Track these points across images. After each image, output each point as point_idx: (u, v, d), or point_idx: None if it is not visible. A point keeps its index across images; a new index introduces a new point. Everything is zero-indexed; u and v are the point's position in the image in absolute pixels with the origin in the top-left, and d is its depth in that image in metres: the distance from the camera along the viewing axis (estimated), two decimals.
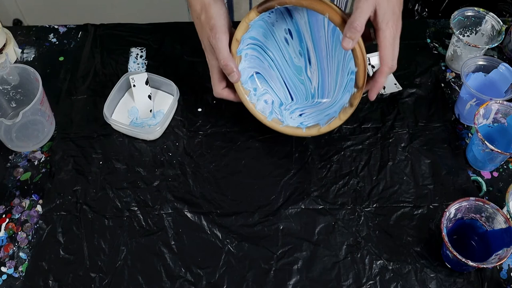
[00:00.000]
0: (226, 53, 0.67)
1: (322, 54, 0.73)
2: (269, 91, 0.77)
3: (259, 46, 0.74)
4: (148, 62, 0.88)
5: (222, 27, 0.67)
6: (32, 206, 0.72)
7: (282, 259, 0.67)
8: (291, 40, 0.74)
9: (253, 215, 0.71)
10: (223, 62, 0.67)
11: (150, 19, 0.94)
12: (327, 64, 0.73)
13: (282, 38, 0.74)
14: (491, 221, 0.65)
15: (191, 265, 0.67)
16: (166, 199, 0.72)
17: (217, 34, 0.66)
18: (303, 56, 0.74)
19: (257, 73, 0.76)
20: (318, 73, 0.74)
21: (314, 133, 0.72)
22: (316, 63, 0.74)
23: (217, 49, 0.67)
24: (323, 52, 0.73)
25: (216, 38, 0.66)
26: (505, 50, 0.90)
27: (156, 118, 0.79)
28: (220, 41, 0.67)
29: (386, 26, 0.64)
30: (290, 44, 0.74)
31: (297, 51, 0.74)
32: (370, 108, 0.82)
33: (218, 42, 0.67)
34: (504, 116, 0.73)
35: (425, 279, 0.65)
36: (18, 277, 0.66)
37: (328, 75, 0.74)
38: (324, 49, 0.72)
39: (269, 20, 0.71)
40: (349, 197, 0.72)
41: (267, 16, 0.70)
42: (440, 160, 0.76)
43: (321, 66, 0.74)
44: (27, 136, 0.76)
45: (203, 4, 0.67)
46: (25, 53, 0.90)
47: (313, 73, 0.75)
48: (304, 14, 0.70)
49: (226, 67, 0.68)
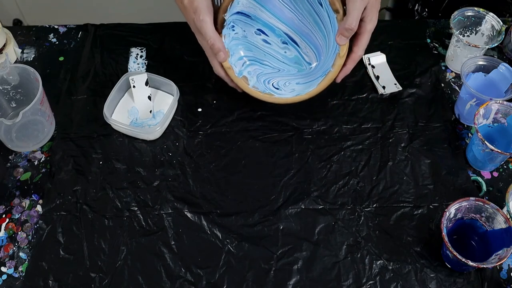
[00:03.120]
0: (211, 33, 0.70)
1: (302, 29, 0.77)
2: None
3: (255, 60, 0.80)
4: (148, 62, 0.88)
5: (204, 8, 0.69)
6: (32, 206, 0.72)
7: (282, 259, 0.67)
8: (267, 37, 0.78)
9: (253, 215, 0.71)
10: (210, 42, 0.71)
11: (150, 19, 0.94)
12: (312, 33, 0.76)
13: (261, 42, 0.79)
14: (491, 221, 0.65)
15: (191, 265, 0.67)
16: (166, 199, 0.72)
17: (201, 16, 0.69)
18: (288, 43, 0.78)
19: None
20: (312, 50, 0.77)
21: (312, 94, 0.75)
22: (302, 40, 0.78)
23: (202, 30, 0.70)
24: (301, 27, 0.76)
25: (200, 20, 0.69)
26: (505, 50, 0.90)
27: (156, 118, 0.79)
28: (205, 22, 0.70)
29: (370, 20, 0.70)
30: (271, 42, 0.79)
31: (280, 44, 0.79)
32: (370, 108, 0.82)
33: (203, 24, 0.70)
34: (504, 116, 0.73)
35: (425, 279, 0.65)
36: (18, 277, 0.66)
37: (319, 44, 0.76)
38: (298, 22, 0.76)
39: (240, 34, 0.77)
40: (349, 197, 0.72)
41: (235, 33, 0.76)
42: (440, 160, 0.76)
43: (308, 39, 0.77)
44: (27, 136, 0.76)
45: None
46: (25, 53, 0.90)
47: (308, 53, 0.78)
48: (256, 5, 0.75)
49: (213, 47, 0.71)
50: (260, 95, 0.76)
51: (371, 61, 0.87)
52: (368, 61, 0.87)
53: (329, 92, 0.83)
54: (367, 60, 0.87)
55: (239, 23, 0.77)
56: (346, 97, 0.83)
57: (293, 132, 0.79)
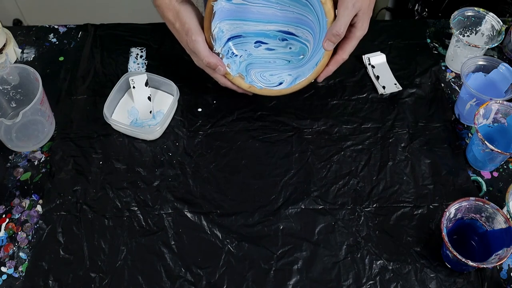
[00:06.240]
0: (205, 52, 0.72)
1: (289, 17, 0.76)
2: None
3: (267, 68, 0.80)
4: (148, 62, 0.88)
5: (196, 28, 0.71)
6: (32, 206, 0.72)
7: (282, 259, 0.67)
8: (267, 44, 0.79)
9: (253, 215, 0.71)
10: (205, 61, 0.72)
11: (150, 19, 0.94)
12: (301, 14, 0.76)
13: (266, 52, 0.80)
14: (491, 221, 0.65)
15: (191, 265, 0.67)
16: (166, 199, 0.72)
17: (193, 36, 0.71)
18: (288, 38, 0.79)
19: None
20: (309, 32, 0.77)
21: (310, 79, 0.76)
22: (296, 27, 0.78)
23: (196, 50, 0.71)
24: (287, 15, 0.76)
25: (193, 40, 0.71)
26: (505, 50, 0.90)
27: (156, 118, 0.79)
28: (197, 43, 0.71)
29: (361, 26, 0.71)
30: (274, 47, 0.80)
31: (281, 43, 0.79)
32: (370, 108, 0.82)
33: (196, 44, 0.71)
34: (504, 116, 0.73)
35: (425, 279, 0.65)
36: (18, 277, 0.66)
37: (311, 21, 0.76)
38: (282, 13, 0.76)
39: (245, 55, 0.79)
40: (349, 197, 0.72)
41: (240, 57, 0.78)
42: (440, 160, 0.76)
43: (300, 23, 0.77)
44: (27, 136, 0.76)
45: (175, 11, 0.71)
46: (25, 53, 0.90)
47: (308, 38, 0.78)
48: (238, 22, 0.76)
49: (209, 65, 0.72)
50: (274, 91, 0.78)
51: (371, 61, 0.87)
52: (368, 61, 0.87)
53: (329, 92, 0.83)
54: (367, 60, 0.87)
55: (237, 46, 0.78)
56: (346, 97, 0.83)
57: (293, 132, 0.79)
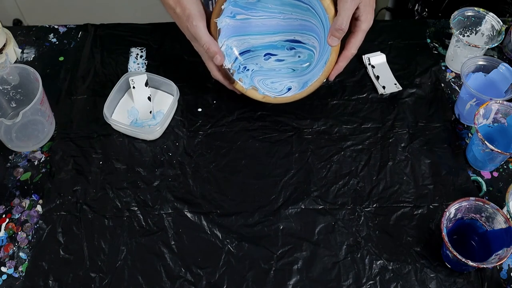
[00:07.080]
0: (206, 38, 0.71)
1: (293, 24, 0.77)
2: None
3: (278, 78, 0.80)
4: (148, 62, 0.88)
5: (197, 14, 0.70)
6: (32, 206, 0.72)
7: (282, 259, 0.67)
8: (276, 56, 0.79)
9: (253, 215, 0.71)
10: (205, 46, 0.71)
11: (150, 19, 0.94)
12: (305, 20, 0.76)
13: (276, 64, 0.80)
14: (491, 221, 0.65)
15: (191, 265, 0.67)
16: (166, 199, 0.72)
17: (194, 22, 0.70)
18: (295, 47, 0.79)
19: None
20: (315, 38, 0.77)
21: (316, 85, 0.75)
22: (302, 34, 0.78)
23: (197, 36, 0.71)
24: (291, 23, 0.76)
25: (194, 26, 0.70)
26: (505, 50, 0.90)
27: (156, 118, 0.79)
28: (198, 28, 0.70)
29: (365, 18, 0.70)
30: (283, 58, 0.80)
31: (289, 52, 0.79)
32: (370, 108, 0.82)
33: (197, 29, 0.70)
34: (504, 116, 0.73)
35: (425, 279, 0.65)
36: (18, 277, 0.66)
37: (315, 26, 0.76)
38: (285, 21, 0.76)
39: (256, 68, 0.79)
40: (349, 197, 0.72)
41: (252, 71, 0.78)
42: (440, 160, 0.76)
43: (305, 29, 0.77)
44: (27, 136, 0.76)
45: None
46: (25, 53, 0.90)
47: (314, 44, 0.77)
48: (245, 37, 0.77)
49: (208, 51, 0.71)
50: (288, 98, 0.77)
51: (371, 61, 0.87)
52: (368, 61, 0.87)
53: (329, 92, 0.83)
54: (367, 60, 0.87)
55: (247, 61, 0.79)
56: (346, 97, 0.83)
57: (293, 132, 0.79)
